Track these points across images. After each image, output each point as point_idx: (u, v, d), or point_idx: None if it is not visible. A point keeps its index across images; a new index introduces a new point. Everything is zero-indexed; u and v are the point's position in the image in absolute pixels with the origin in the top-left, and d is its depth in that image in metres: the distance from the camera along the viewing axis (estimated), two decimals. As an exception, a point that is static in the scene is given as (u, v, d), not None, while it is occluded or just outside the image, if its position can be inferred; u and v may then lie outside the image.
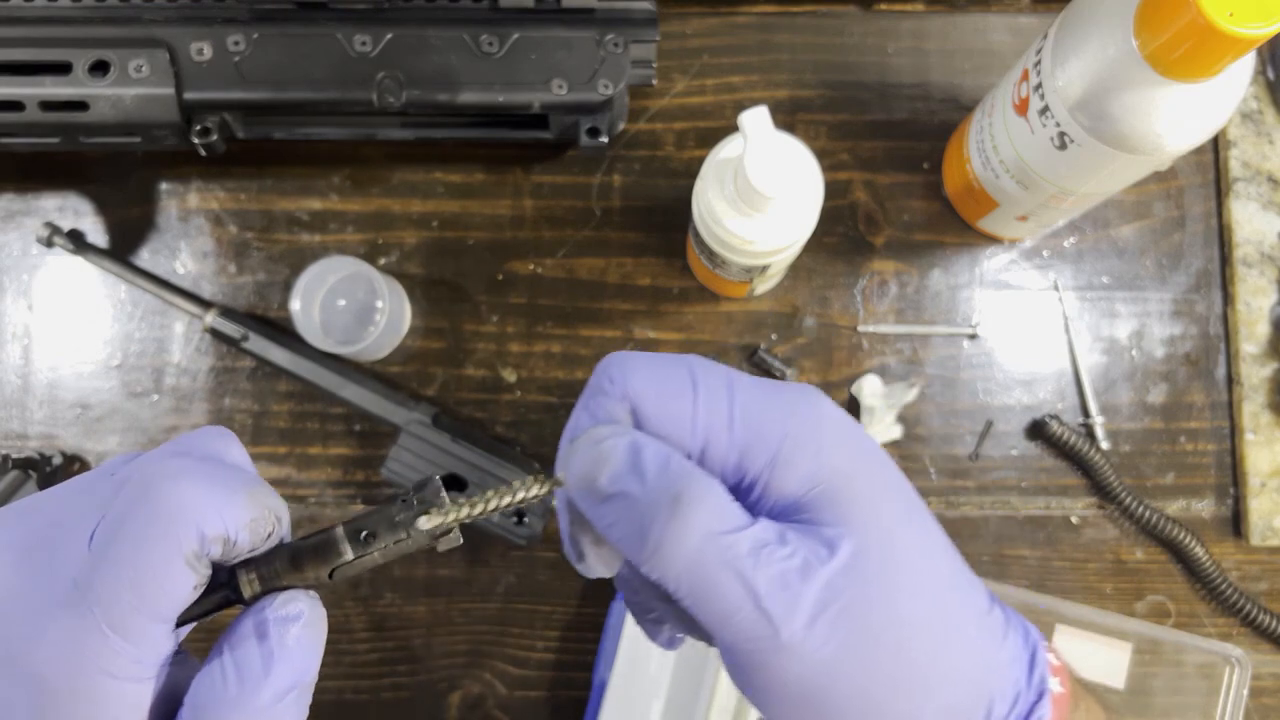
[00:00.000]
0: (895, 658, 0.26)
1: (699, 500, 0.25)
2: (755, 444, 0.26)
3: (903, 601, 0.26)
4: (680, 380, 0.27)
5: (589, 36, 0.55)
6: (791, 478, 0.26)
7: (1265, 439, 0.60)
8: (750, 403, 0.27)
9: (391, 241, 0.62)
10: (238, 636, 0.25)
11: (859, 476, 0.27)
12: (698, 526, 0.25)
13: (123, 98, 0.53)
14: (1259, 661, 0.59)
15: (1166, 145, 0.44)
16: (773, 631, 0.25)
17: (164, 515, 0.24)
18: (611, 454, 0.25)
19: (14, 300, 0.62)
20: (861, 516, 0.26)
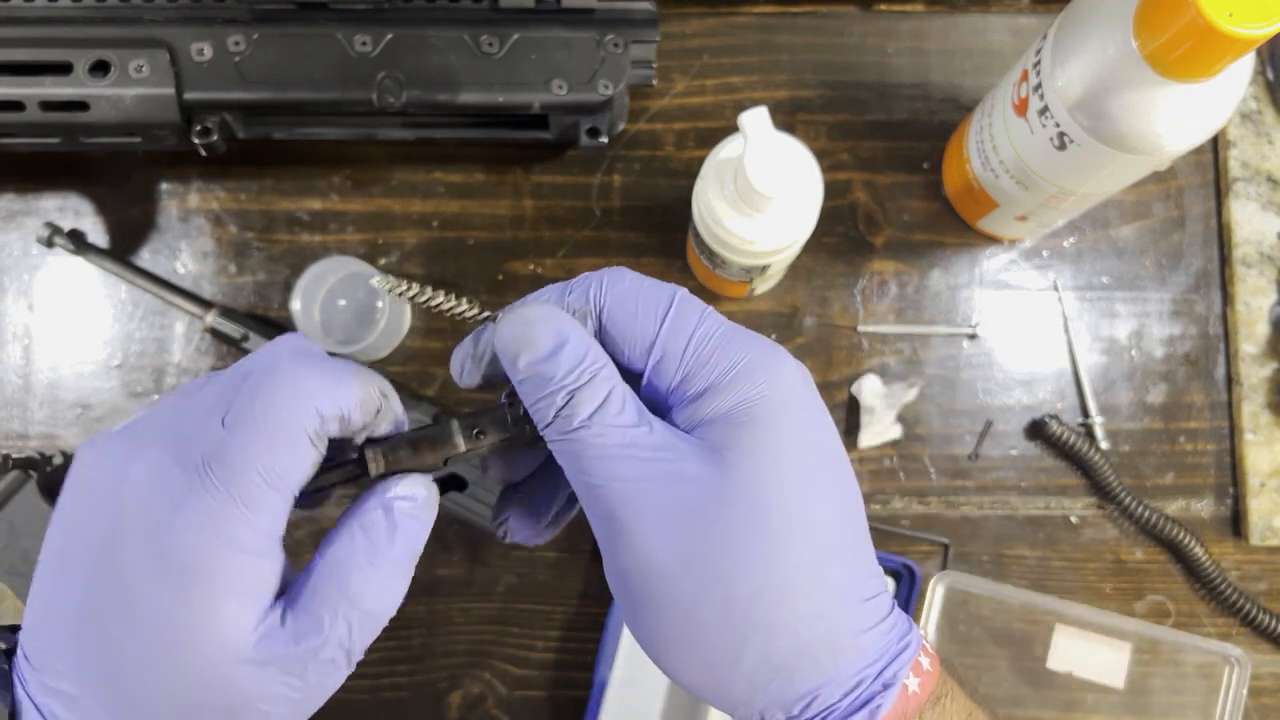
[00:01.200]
0: (728, 586, 0.27)
1: (592, 395, 0.28)
2: (701, 370, 0.29)
3: (754, 540, 0.27)
4: (659, 300, 0.30)
5: (589, 37, 0.55)
6: (717, 403, 0.28)
7: (1265, 439, 0.60)
8: (712, 334, 0.29)
9: (391, 241, 0.62)
10: (367, 509, 0.29)
11: (780, 421, 0.28)
12: (579, 416, 0.28)
13: (123, 98, 0.53)
14: (1258, 661, 0.59)
15: (1166, 145, 0.44)
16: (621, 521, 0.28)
17: (285, 396, 0.27)
18: (535, 339, 0.28)
19: (14, 300, 0.62)
20: (757, 447, 0.28)
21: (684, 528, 0.27)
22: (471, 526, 0.57)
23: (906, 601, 0.58)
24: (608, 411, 0.28)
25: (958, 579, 0.58)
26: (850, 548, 0.29)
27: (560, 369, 0.28)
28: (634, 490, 0.27)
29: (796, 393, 0.29)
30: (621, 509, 0.28)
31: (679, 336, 0.29)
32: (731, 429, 0.28)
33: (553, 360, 0.28)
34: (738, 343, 0.29)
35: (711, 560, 0.27)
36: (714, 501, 0.27)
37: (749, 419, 0.28)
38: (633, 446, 0.28)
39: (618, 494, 0.28)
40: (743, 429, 0.28)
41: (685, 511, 0.27)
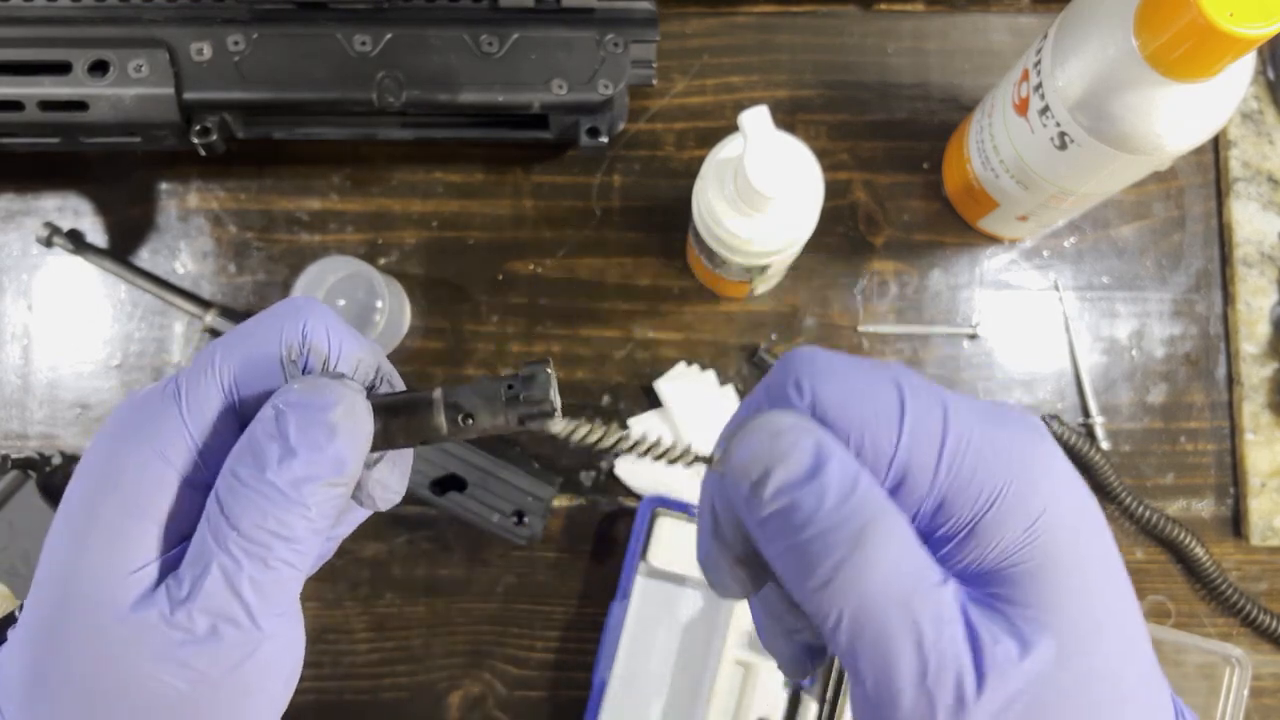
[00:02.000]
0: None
1: (888, 538, 0.20)
2: (961, 495, 0.21)
3: (1095, 705, 0.21)
4: (885, 399, 0.22)
5: (589, 36, 0.55)
6: (997, 542, 0.21)
7: (1265, 439, 0.60)
8: (966, 440, 0.21)
9: (391, 241, 0.62)
10: (260, 415, 0.24)
11: (1075, 554, 0.21)
12: (882, 569, 0.20)
13: (122, 98, 0.53)
14: (1259, 662, 0.59)
15: (1167, 145, 0.44)
16: (929, 717, 0.21)
17: (279, 309, 0.25)
18: (790, 453, 0.21)
19: (14, 300, 0.62)
20: (1071, 610, 0.21)
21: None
22: (471, 526, 0.57)
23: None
24: (911, 560, 0.20)
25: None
26: (1153, 683, 0.23)
27: (827, 499, 0.20)
28: (950, 687, 0.20)
29: (1077, 498, 0.22)
30: (927, 707, 0.21)
31: (926, 450, 0.21)
32: (1030, 586, 0.21)
33: (812, 484, 0.20)
34: (1001, 439, 0.22)
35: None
36: (1043, 693, 0.20)
37: (1047, 569, 0.21)
38: (949, 609, 0.21)
39: (934, 691, 0.21)
40: (1046, 589, 0.21)
41: (1006, 709, 0.20)
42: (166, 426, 0.24)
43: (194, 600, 0.23)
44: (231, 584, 0.23)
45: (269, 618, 0.24)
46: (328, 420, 0.23)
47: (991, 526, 0.21)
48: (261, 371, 0.25)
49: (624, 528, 0.60)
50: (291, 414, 0.23)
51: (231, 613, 0.23)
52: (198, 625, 0.23)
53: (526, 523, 0.57)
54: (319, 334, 0.25)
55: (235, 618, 0.23)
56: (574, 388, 0.61)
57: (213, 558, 0.23)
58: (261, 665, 0.24)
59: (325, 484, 0.23)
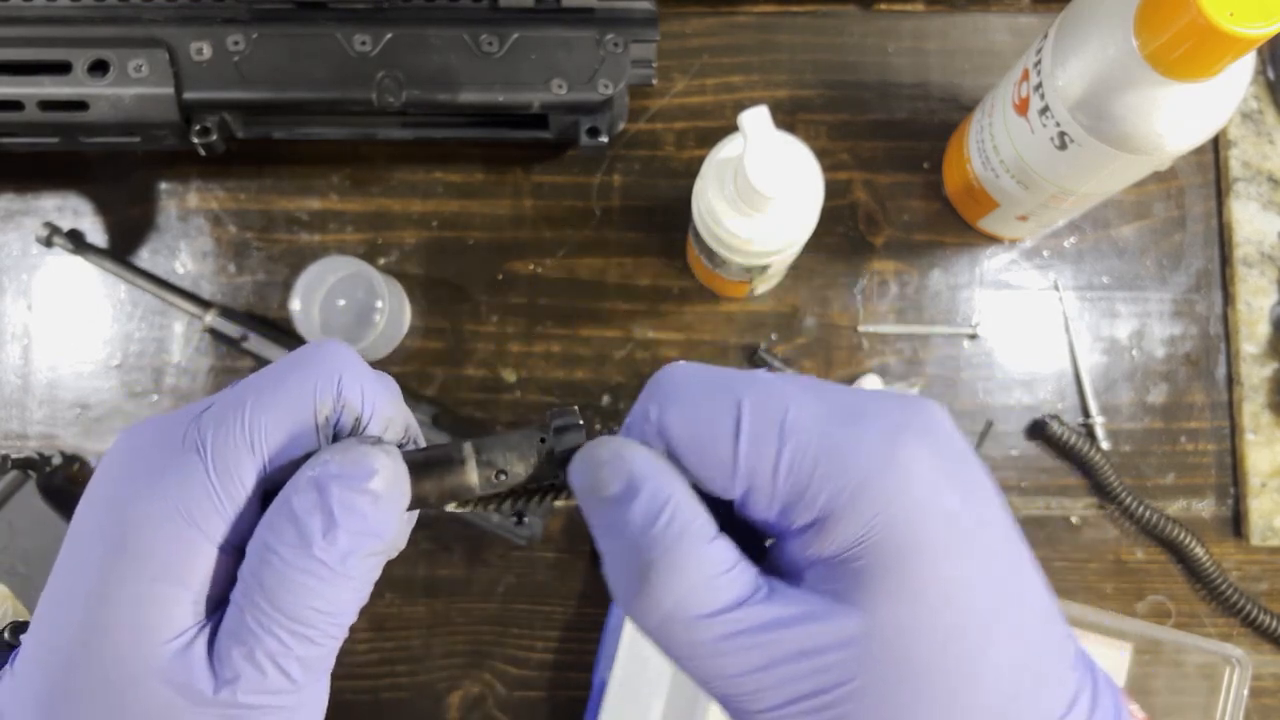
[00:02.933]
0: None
1: (672, 573, 0.22)
2: (800, 500, 0.23)
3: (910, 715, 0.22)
4: (722, 421, 0.23)
5: (589, 36, 0.54)
6: (833, 539, 0.23)
7: (1265, 439, 0.60)
8: (802, 451, 0.23)
9: (391, 241, 0.62)
10: (297, 487, 0.23)
11: (921, 552, 0.22)
12: (662, 605, 0.22)
13: (122, 97, 0.52)
14: (1259, 662, 0.59)
15: (1167, 145, 0.44)
16: (742, 711, 0.23)
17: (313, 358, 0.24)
18: (606, 483, 0.23)
19: (13, 300, 0.62)
20: (900, 596, 0.22)
21: (826, 713, 0.22)
22: (472, 527, 0.57)
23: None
24: (700, 590, 0.22)
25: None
26: (1038, 666, 0.23)
27: (631, 525, 0.23)
28: (754, 684, 0.22)
29: (935, 489, 0.23)
30: (745, 702, 0.23)
31: (763, 459, 0.23)
32: (862, 576, 0.22)
33: (622, 513, 0.23)
34: (845, 442, 0.23)
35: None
36: (860, 676, 0.22)
37: (882, 555, 0.22)
38: (741, 634, 0.22)
39: (736, 690, 0.23)
40: (875, 573, 0.22)
41: (823, 693, 0.22)
42: (193, 486, 0.23)
43: (240, 682, 0.23)
44: (279, 665, 0.23)
45: (311, 685, 0.24)
46: (370, 489, 0.23)
47: (832, 525, 0.23)
48: (294, 427, 0.24)
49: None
50: (334, 485, 0.23)
51: (278, 687, 0.23)
52: (243, 700, 0.23)
53: (526, 523, 0.57)
54: (353, 391, 0.25)
55: (281, 690, 0.23)
56: (574, 388, 0.61)
57: (257, 641, 0.23)
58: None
59: (369, 554, 0.23)
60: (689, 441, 0.24)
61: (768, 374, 0.25)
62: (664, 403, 0.24)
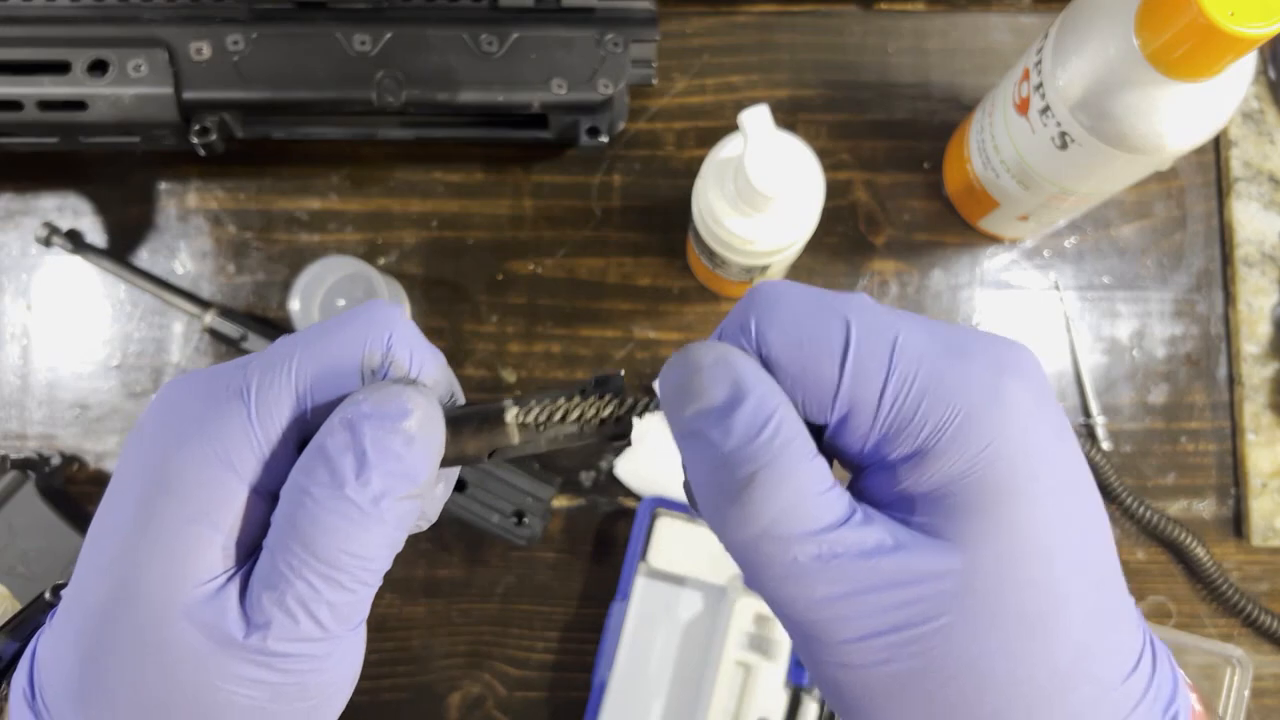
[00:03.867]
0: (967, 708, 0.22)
1: (775, 487, 0.21)
2: (904, 430, 0.22)
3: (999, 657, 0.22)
4: (828, 340, 0.22)
5: (589, 36, 0.54)
6: (932, 473, 0.22)
7: (1266, 439, 0.60)
8: (910, 378, 0.22)
9: (391, 241, 0.62)
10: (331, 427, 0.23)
11: (1023, 488, 0.22)
12: (760, 519, 0.21)
13: (121, 97, 0.52)
14: (1260, 662, 0.59)
15: (1168, 145, 0.44)
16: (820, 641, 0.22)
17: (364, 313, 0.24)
18: (706, 390, 0.22)
19: (13, 300, 0.62)
20: (998, 533, 0.22)
21: (911, 647, 0.22)
22: (471, 527, 0.57)
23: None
24: (801, 507, 0.21)
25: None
26: (1111, 622, 0.23)
27: (733, 435, 0.22)
28: (841, 611, 0.22)
29: (1036, 431, 0.22)
30: (826, 630, 0.22)
31: (869, 384, 0.22)
32: (959, 512, 0.22)
33: (724, 423, 0.22)
34: (952, 374, 0.22)
35: (946, 680, 0.22)
36: (950, 614, 0.21)
37: (982, 492, 0.22)
38: (837, 558, 0.22)
39: (821, 615, 0.22)
40: (975, 511, 0.22)
41: (911, 627, 0.22)
42: (233, 430, 0.23)
43: (271, 628, 0.22)
44: (310, 611, 0.22)
45: (343, 635, 0.23)
46: (403, 429, 0.22)
47: (933, 459, 0.22)
48: (339, 378, 0.24)
49: (624, 528, 0.60)
50: (366, 425, 0.22)
51: (309, 634, 0.23)
52: (274, 647, 0.22)
53: (526, 523, 0.57)
54: (402, 350, 0.25)
55: (312, 638, 0.23)
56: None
57: (288, 585, 0.22)
58: (334, 676, 0.24)
59: (403, 497, 0.23)
60: (790, 358, 0.23)
61: (870, 299, 0.24)
62: (764, 315, 0.23)
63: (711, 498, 0.22)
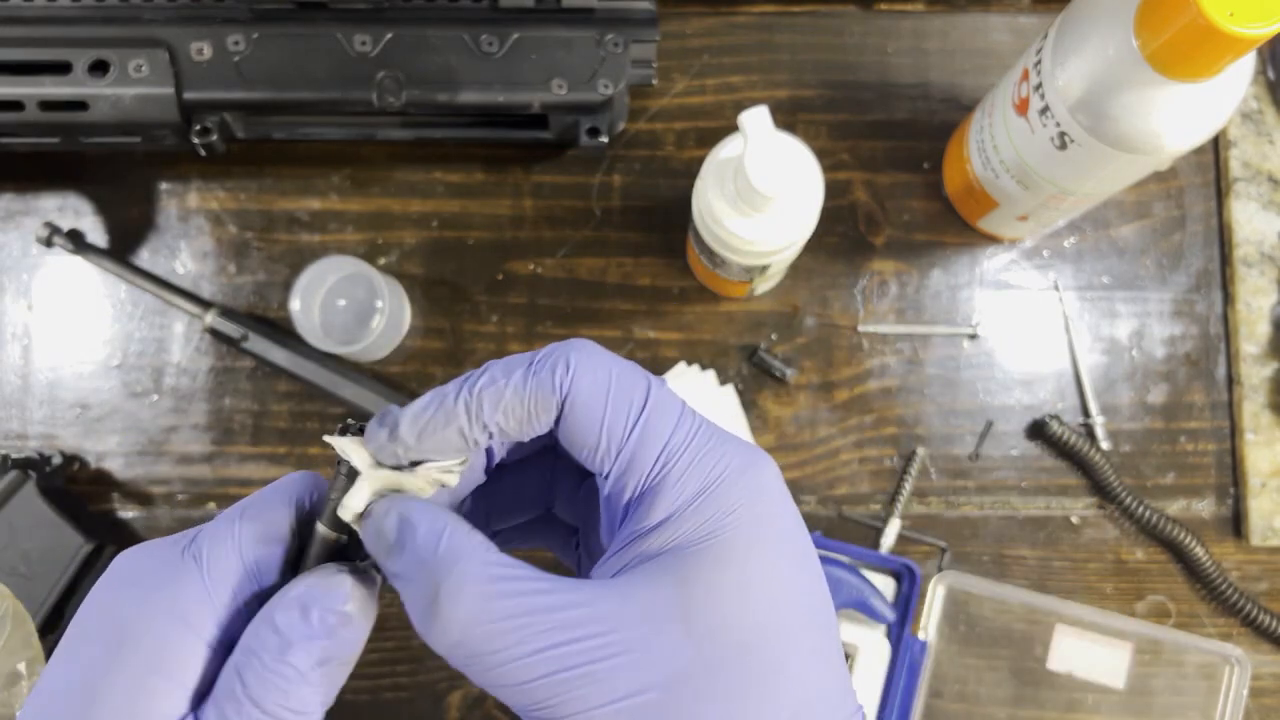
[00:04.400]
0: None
1: (459, 591, 0.24)
2: (667, 491, 0.25)
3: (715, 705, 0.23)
4: (632, 394, 0.26)
5: (589, 36, 0.54)
6: (682, 527, 0.25)
7: (1265, 439, 0.60)
8: (687, 445, 0.25)
9: (391, 241, 0.62)
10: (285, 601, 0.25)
11: (752, 546, 0.24)
12: (455, 624, 0.24)
13: (122, 97, 0.53)
14: (1259, 662, 0.59)
15: (1167, 145, 0.44)
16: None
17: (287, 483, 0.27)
18: (385, 530, 0.26)
19: (14, 300, 0.62)
20: (724, 580, 0.24)
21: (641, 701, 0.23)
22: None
23: (907, 602, 0.58)
24: (488, 603, 0.24)
25: (958, 579, 0.58)
26: (828, 679, 0.25)
27: (418, 559, 0.25)
28: (552, 685, 0.23)
29: (769, 498, 0.25)
30: (551, 711, 0.24)
31: (650, 446, 0.25)
32: (692, 558, 0.24)
33: (403, 554, 0.25)
34: (709, 451, 0.25)
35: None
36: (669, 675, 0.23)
37: (716, 545, 0.24)
38: (537, 629, 0.23)
39: (533, 696, 0.24)
40: (706, 559, 0.24)
41: (629, 698, 0.23)
42: (189, 591, 0.25)
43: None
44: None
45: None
46: (344, 611, 0.25)
47: (683, 519, 0.25)
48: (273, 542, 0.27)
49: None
50: (314, 607, 0.25)
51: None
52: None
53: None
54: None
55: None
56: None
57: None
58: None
59: (335, 664, 0.25)
60: (586, 410, 0.25)
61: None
62: (577, 368, 0.26)
63: (422, 623, 0.25)
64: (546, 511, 0.32)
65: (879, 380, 0.61)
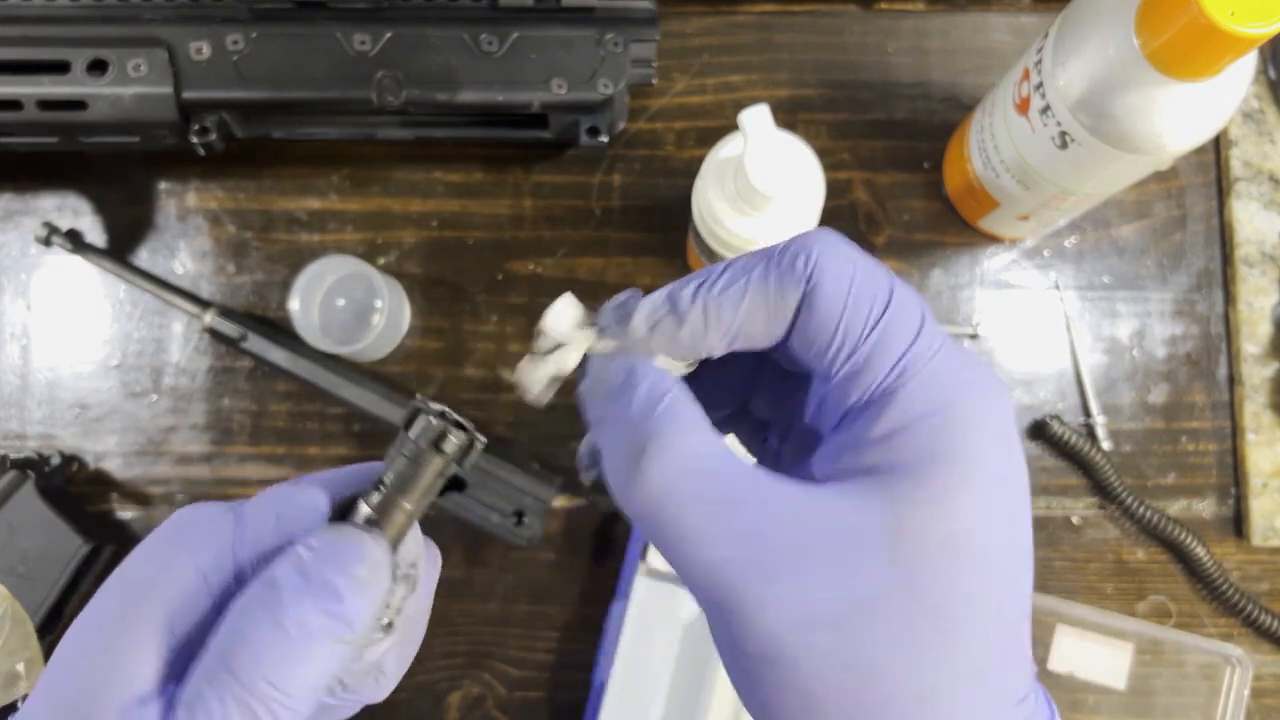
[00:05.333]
0: (865, 681, 0.21)
1: (664, 451, 0.22)
2: (895, 401, 0.23)
3: (907, 633, 0.21)
4: (874, 295, 0.23)
5: (589, 35, 0.54)
6: (905, 441, 0.23)
7: (1266, 439, 0.60)
8: (926, 358, 0.23)
9: (391, 241, 0.62)
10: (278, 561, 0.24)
11: (976, 472, 0.22)
12: (653, 482, 0.22)
13: (121, 97, 0.52)
14: (1260, 662, 0.59)
15: (1168, 145, 0.44)
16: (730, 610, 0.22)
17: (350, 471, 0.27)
18: (609, 376, 0.24)
19: (12, 300, 0.62)
20: (941, 498, 0.22)
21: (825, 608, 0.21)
22: (471, 527, 0.57)
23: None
24: (690, 469, 0.22)
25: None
26: (1014, 644, 0.23)
27: (632, 408, 0.23)
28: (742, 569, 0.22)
29: (1005, 439, 0.23)
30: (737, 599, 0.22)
31: (888, 351, 0.23)
32: (909, 482, 0.22)
33: (623, 399, 0.24)
34: (952, 372, 0.23)
35: (852, 649, 0.21)
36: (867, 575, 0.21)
37: (938, 472, 0.22)
38: (733, 513, 0.22)
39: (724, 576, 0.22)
40: (924, 487, 0.22)
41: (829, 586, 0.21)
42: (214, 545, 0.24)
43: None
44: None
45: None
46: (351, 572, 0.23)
47: (910, 433, 0.22)
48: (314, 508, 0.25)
49: (624, 528, 0.60)
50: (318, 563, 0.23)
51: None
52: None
53: (526, 523, 0.57)
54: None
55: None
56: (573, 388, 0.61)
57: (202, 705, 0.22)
58: None
59: (333, 638, 0.23)
60: (827, 302, 0.23)
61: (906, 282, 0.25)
62: (822, 257, 0.23)
63: (617, 473, 0.23)
64: (742, 406, 0.30)
65: (879, 380, 0.61)
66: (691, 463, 0.22)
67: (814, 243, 0.24)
